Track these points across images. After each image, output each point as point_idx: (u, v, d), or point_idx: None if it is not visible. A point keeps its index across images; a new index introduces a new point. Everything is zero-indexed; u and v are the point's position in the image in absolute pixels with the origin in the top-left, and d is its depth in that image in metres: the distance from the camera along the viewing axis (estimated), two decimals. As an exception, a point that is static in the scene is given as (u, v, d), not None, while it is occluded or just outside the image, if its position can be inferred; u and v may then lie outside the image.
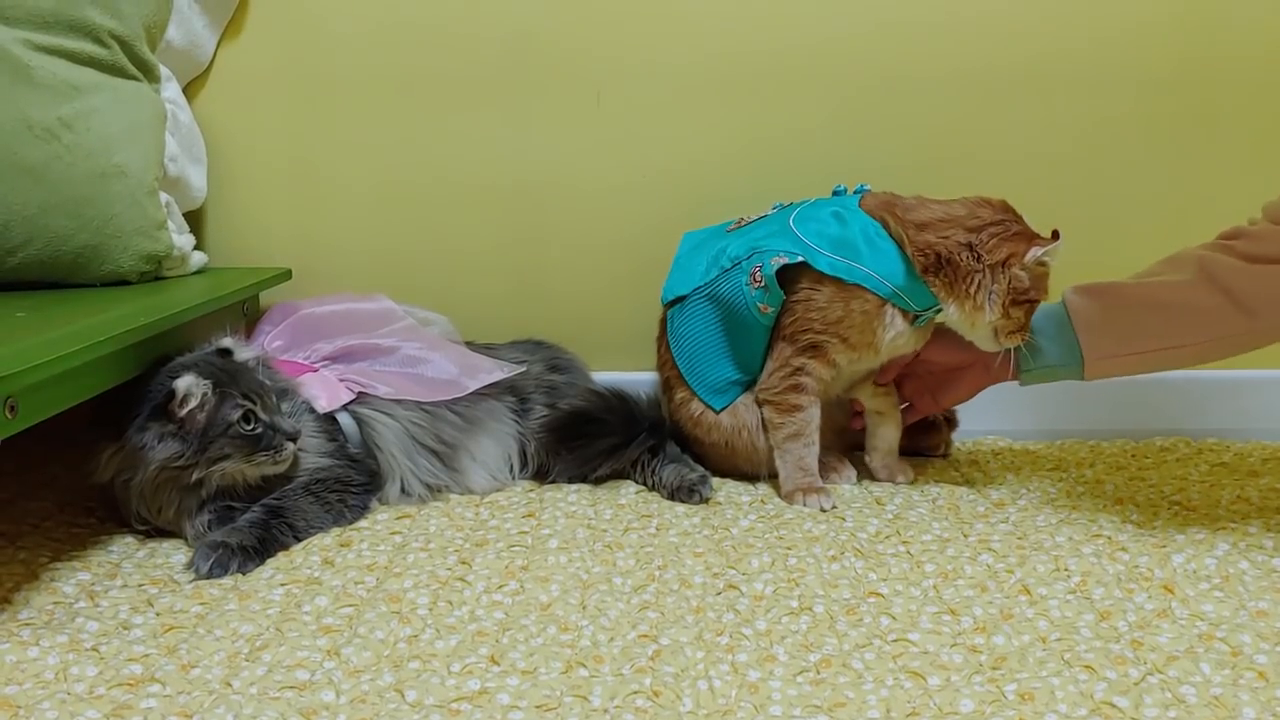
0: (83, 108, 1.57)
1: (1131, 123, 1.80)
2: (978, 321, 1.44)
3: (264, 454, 1.35)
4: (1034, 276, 1.43)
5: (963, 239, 1.43)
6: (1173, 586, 1.19)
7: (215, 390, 1.34)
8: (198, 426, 1.33)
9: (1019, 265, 1.41)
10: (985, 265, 1.42)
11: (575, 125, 1.82)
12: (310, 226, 1.85)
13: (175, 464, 1.32)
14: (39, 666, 1.05)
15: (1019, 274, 1.42)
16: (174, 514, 1.36)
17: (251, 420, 1.35)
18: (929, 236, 1.44)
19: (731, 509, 1.49)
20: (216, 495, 1.36)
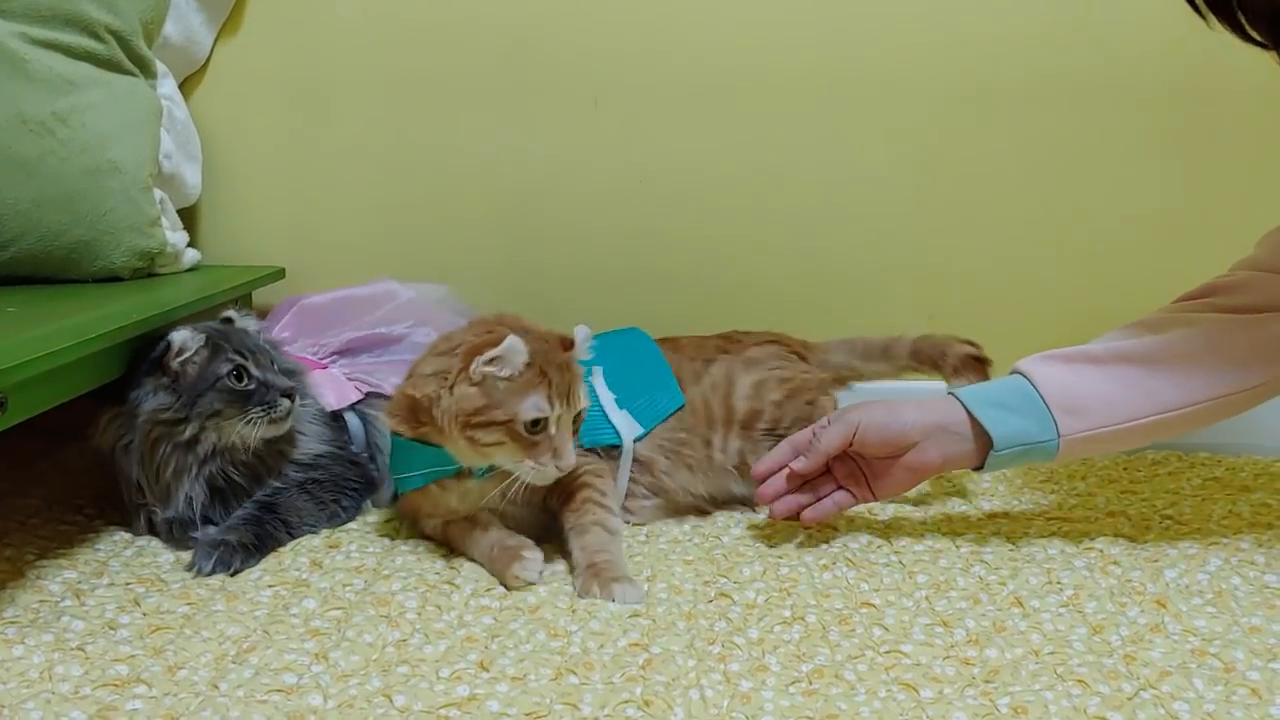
0: (78, 103, 1.56)
1: (1129, 138, 1.80)
2: (457, 449, 1.26)
3: (258, 409, 1.33)
4: (500, 392, 1.22)
5: (429, 369, 1.28)
6: (1165, 601, 1.19)
7: (208, 344, 1.34)
8: (189, 380, 1.32)
9: (466, 381, 1.23)
10: (446, 388, 1.24)
11: (572, 129, 1.81)
12: (305, 225, 1.84)
13: (165, 415, 1.31)
14: (24, 665, 1.04)
15: (466, 391, 1.23)
16: (171, 475, 1.34)
17: (244, 377, 1.34)
18: (400, 387, 1.32)
19: (722, 517, 1.48)
20: (215, 460, 1.35)
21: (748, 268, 1.84)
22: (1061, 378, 1.29)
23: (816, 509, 1.35)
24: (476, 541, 1.31)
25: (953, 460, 1.32)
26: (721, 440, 1.50)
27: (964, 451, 1.31)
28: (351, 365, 1.55)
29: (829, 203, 1.83)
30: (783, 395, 1.52)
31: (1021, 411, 1.28)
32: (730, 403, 1.51)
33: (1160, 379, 1.27)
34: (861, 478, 1.36)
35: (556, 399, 1.23)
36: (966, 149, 1.81)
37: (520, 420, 1.22)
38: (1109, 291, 1.84)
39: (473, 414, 1.22)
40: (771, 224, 1.83)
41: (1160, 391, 1.27)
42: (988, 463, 1.30)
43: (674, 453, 1.46)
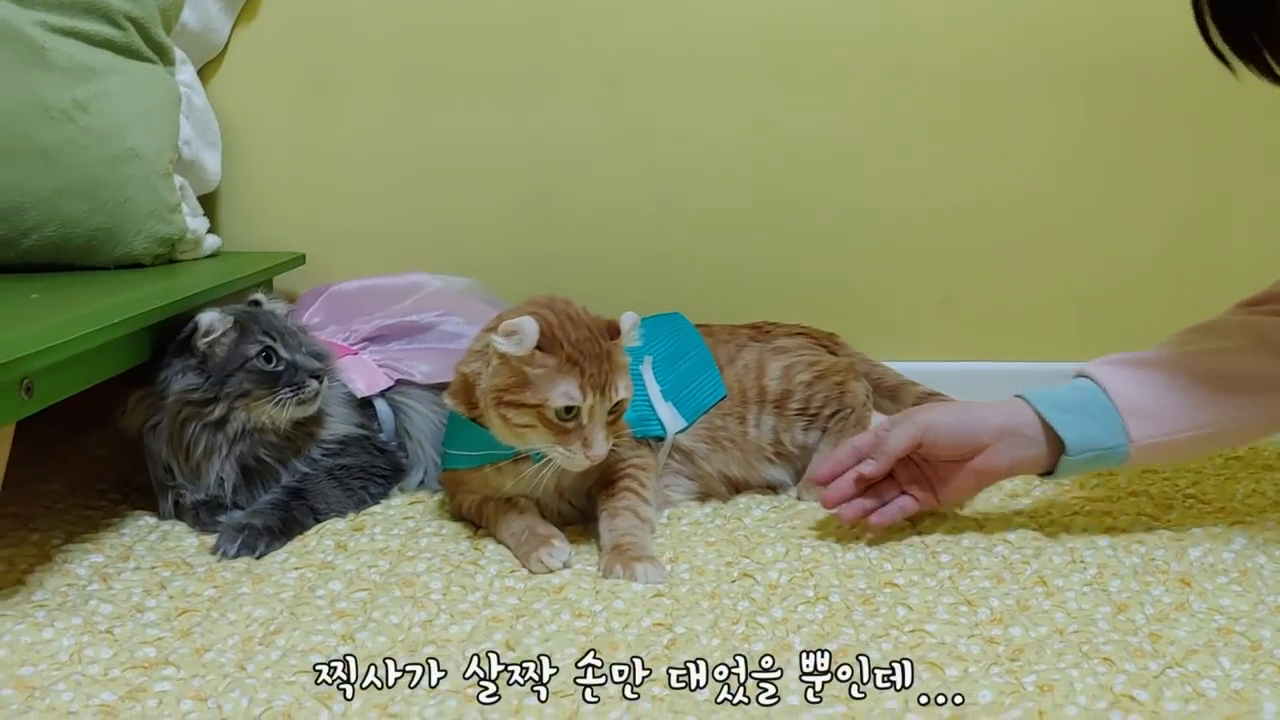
0: (98, 90, 1.57)
1: (1148, 120, 1.79)
2: (493, 424, 1.27)
3: (287, 391, 1.34)
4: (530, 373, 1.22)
5: (475, 346, 1.31)
6: (1190, 580, 1.19)
7: (235, 326, 1.35)
8: (217, 361, 1.33)
9: (495, 357, 1.24)
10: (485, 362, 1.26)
11: (589, 113, 1.81)
12: (324, 211, 1.85)
13: (194, 396, 1.32)
14: (54, 648, 1.05)
15: (498, 365, 1.23)
16: (201, 454, 1.35)
17: (272, 358, 1.35)
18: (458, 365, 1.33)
19: (743, 499, 1.48)
20: (245, 440, 1.36)
21: (767, 250, 1.84)
22: (1131, 383, 1.26)
23: (883, 514, 1.30)
24: (509, 523, 1.31)
25: (1021, 464, 1.29)
26: (755, 417, 1.51)
27: (1034, 456, 1.28)
28: (382, 352, 1.55)
29: (848, 183, 1.82)
30: (812, 376, 1.53)
31: (1093, 417, 1.26)
32: (762, 383, 1.52)
33: (1229, 388, 1.24)
34: (925, 481, 1.32)
35: (590, 389, 1.23)
36: (985, 130, 1.80)
37: (550, 407, 1.22)
38: (1127, 274, 1.84)
39: (503, 391, 1.23)
40: (790, 206, 1.83)
41: (1230, 401, 1.24)
42: (1059, 468, 1.27)
43: (711, 438, 1.47)
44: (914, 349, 1.85)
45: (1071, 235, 1.83)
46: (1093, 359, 1.33)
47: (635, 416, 1.37)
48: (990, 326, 1.86)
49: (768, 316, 1.68)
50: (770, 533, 1.35)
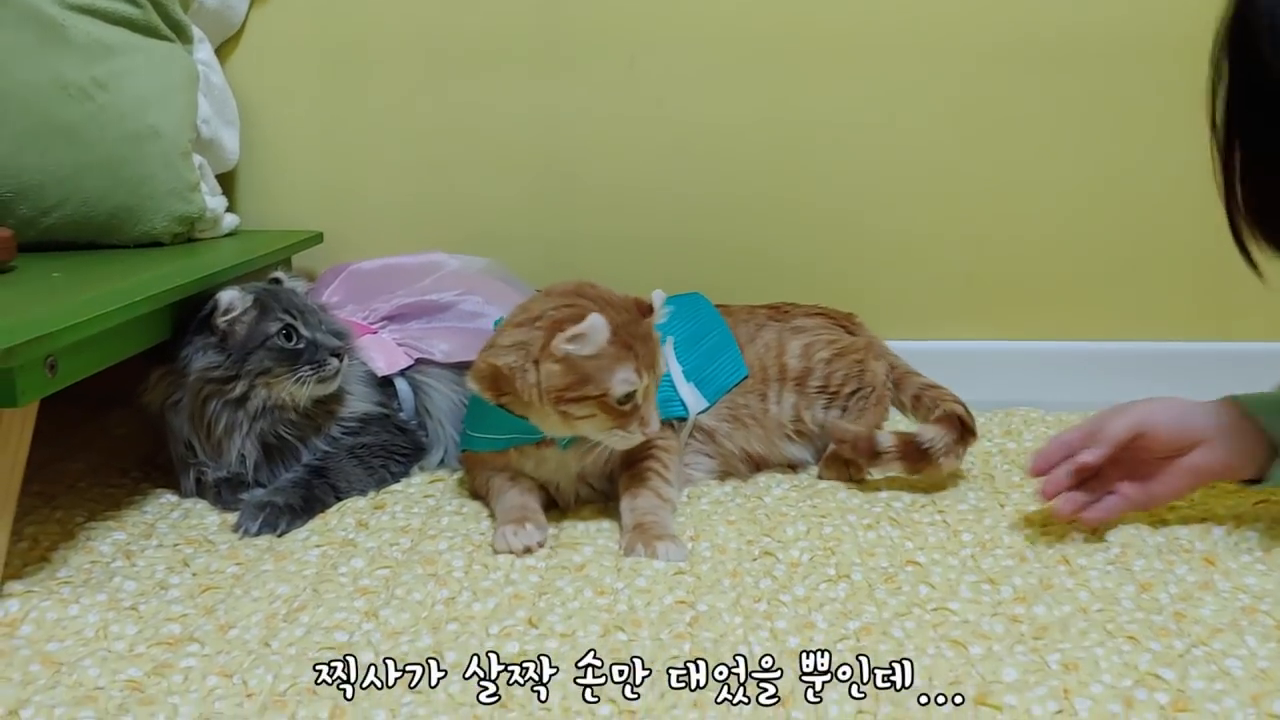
0: (116, 68, 1.57)
1: (1170, 96, 1.77)
2: (547, 422, 1.27)
3: (307, 368, 1.34)
4: (587, 368, 1.22)
5: (509, 340, 1.28)
6: (1214, 559, 1.18)
7: (256, 304, 1.35)
8: (238, 339, 1.34)
9: (549, 359, 1.23)
10: (530, 361, 1.24)
11: (608, 88, 1.80)
12: (342, 189, 1.85)
13: (214, 374, 1.33)
14: (79, 624, 1.05)
15: (552, 368, 1.23)
16: (222, 431, 1.35)
17: (293, 336, 1.35)
18: (485, 355, 1.31)
19: (763, 478, 1.48)
20: (266, 417, 1.36)
21: (786, 228, 1.83)
22: None
23: (1099, 509, 1.24)
24: (505, 497, 1.32)
25: (1235, 466, 1.23)
26: (777, 394, 1.51)
27: (1248, 458, 1.23)
28: (402, 331, 1.55)
29: (867, 163, 1.81)
30: (831, 354, 1.53)
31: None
32: (783, 361, 1.52)
33: None
34: (1136, 478, 1.26)
35: (644, 370, 1.24)
36: (1005, 108, 1.78)
37: (613, 395, 1.23)
38: (1151, 251, 1.82)
39: (563, 390, 1.23)
40: (809, 184, 1.82)
41: None
42: (1271, 473, 1.22)
43: (733, 416, 1.47)
44: (935, 328, 1.85)
45: (1094, 213, 1.82)
46: (1116, 337, 1.32)
47: (659, 397, 1.37)
48: (1012, 305, 1.85)
49: (787, 296, 1.67)
50: (791, 511, 1.35)
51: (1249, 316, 1.84)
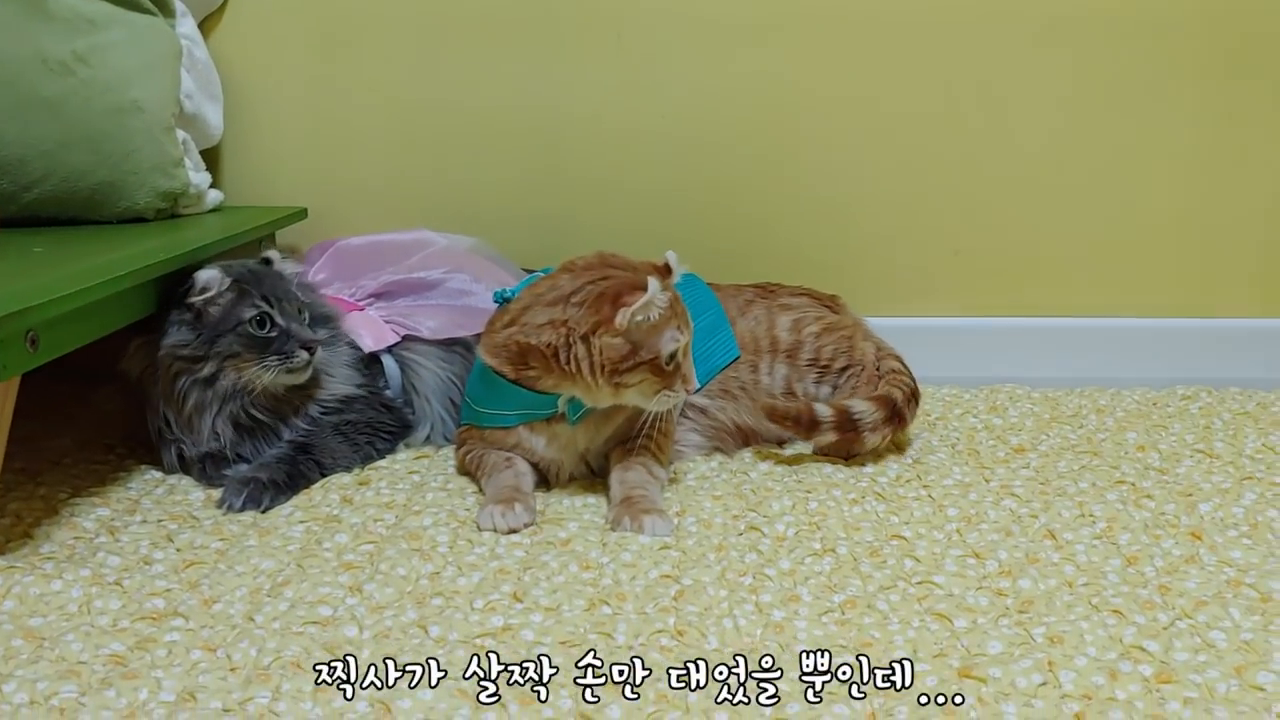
0: (98, 42, 1.55)
1: (1163, 70, 1.77)
2: (597, 394, 1.27)
3: (275, 358, 1.33)
4: (641, 334, 1.23)
5: (542, 319, 1.28)
6: (1200, 533, 1.18)
7: (234, 287, 1.34)
8: (211, 319, 1.33)
9: (609, 333, 1.23)
10: (577, 337, 1.24)
11: (595, 65, 1.79)
12: (327, 166, 1.83)
13: (184, 351, 1.32)
14: (62, 599, 1.05)
15: (611, 342, 1.23)
16: (192, 409, 1.34)
17: (266, 324, 1.34)
18: (510, 333, 1.30)
19: (749, 454, 1.48)
20: (236, 399, 1.35)
21: (774, 204, 1.83)
22: None
23: None
24: (499, 476, 1.31)
25: None
26: (769, 366, 1.52)
27: None
28: (389, 308, 1.54)
29: (854, 139, 1.80)
30: (820, 328, 1.54)
31: None
32: (774, 334, 1.53)
33: None
34: None
35: (684, 326, 1.26)
36: (992, 80, 1.78)
37: (664, 355, 1.23)
38: (1139, 225, 1.82)
39: (620, 360, 1.23)
40: (796, 160, 1.81)
41: None
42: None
43: (723, 391, 1.48)
44: (922, 304, 1.85)
45: (1082, 186, 1.81)
46: (1101, 314, 1.32)
47: None
48: (1000, 280, 1.84)
49: (775, 271, 1.67)
50: (777, 486, 1.35)
51: (1233, 294, 1.85)
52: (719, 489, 1.34)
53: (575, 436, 1.34)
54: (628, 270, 1.28)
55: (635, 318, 1.22)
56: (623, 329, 1.22)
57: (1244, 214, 1.82)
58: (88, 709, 0.88)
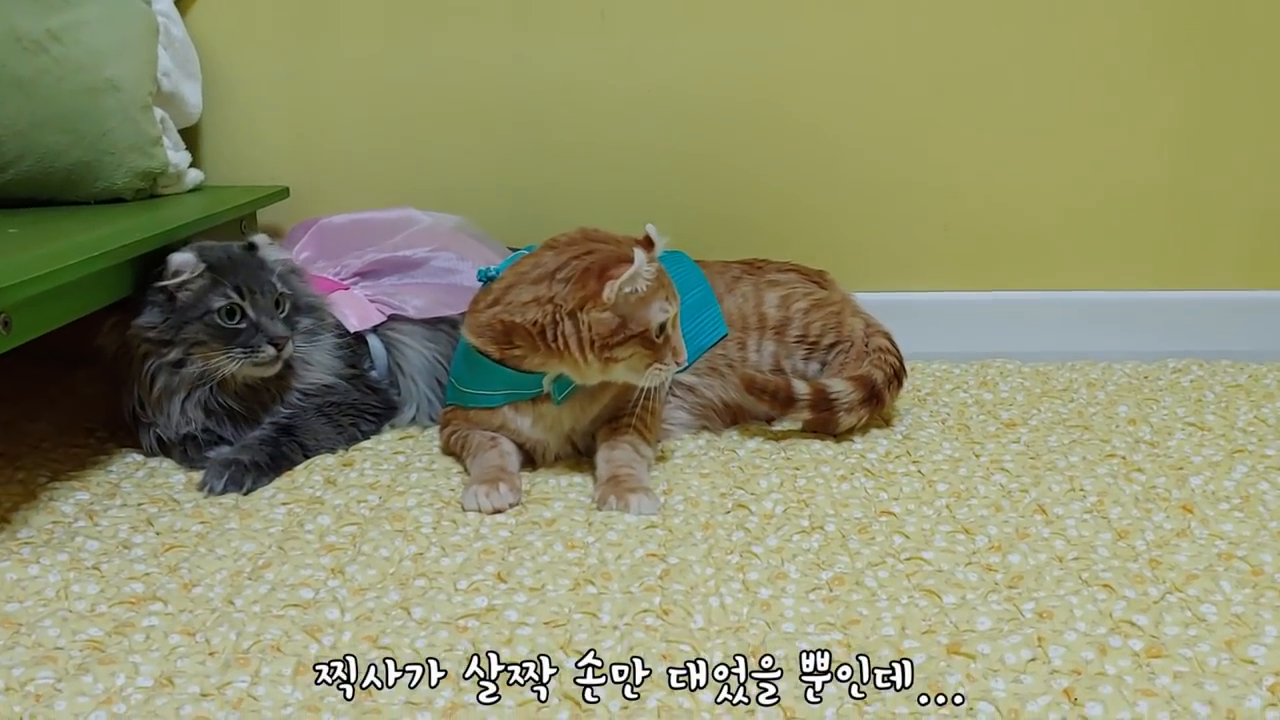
0: (72, 19, 1.53)
1: (1144, 45, 1.75)
2: (587, 371, 1.25)
3: (240, 350, 1.31)
4: (630, 307, 1.22)
5: (527, 297, 1.26)
6: (1191, 507, 1.17)
7: (207, 274, 1.31)
8: (182, 304, 1.31)
9: (598, 307, 1.22)
10: (564, 314, 1.23)
11: (578, 39, 1.77)
12: (308, 144, 1.81)
13: (151, 334, 1.30)
14: (40, 584, 1.03)
15: (600, 316, 1.22)
16: (161, 391, 1.32)
17: (236, 314, 1.32)
18: (494, 312, 1.29)
19: (736, 433, 1.46)
20: (203, 387, 1.33)
21: (760, 179, 1.81)
22: None
23: None
24: (484, 456, 1.30)
25: None
26: (756, 343, 1.50)
27: None
28: (374, 287, 1.52)
29: (842, 113, 1.78)
30: (809, 304, 1.52)
31: None
32: (761, 310, 1.52)
33: None
34: None
35: (671, 298, 1.25)
36: (982, 52, 1.76)
37: (653, 327, 1.22)
38: (1128, 199, 1.81)
39: (610, 335, 1.22)
40: (782, 134, 1.79)
41: None
42: None
43: (711, 369, 1.47)
44: (911, 279, 1.83)
45: (1072, 160, 1.80)
46: (1091, 288, 1.30)
47: None
48: (990, 255, 1.83)
49: (762, 246, 1.65)
50: (765, 464, 1.34)
51: (1224, 266, 1.83)
52: (706, 467, 1.33)
53: (561, 416, 1.32)
54: (611, 244, 1.27)
55: (623, 290, 1.20)
56: (611, 302, 1.21)
57: (1234, 186, 1.80)
58: (64, 695, 0.86)
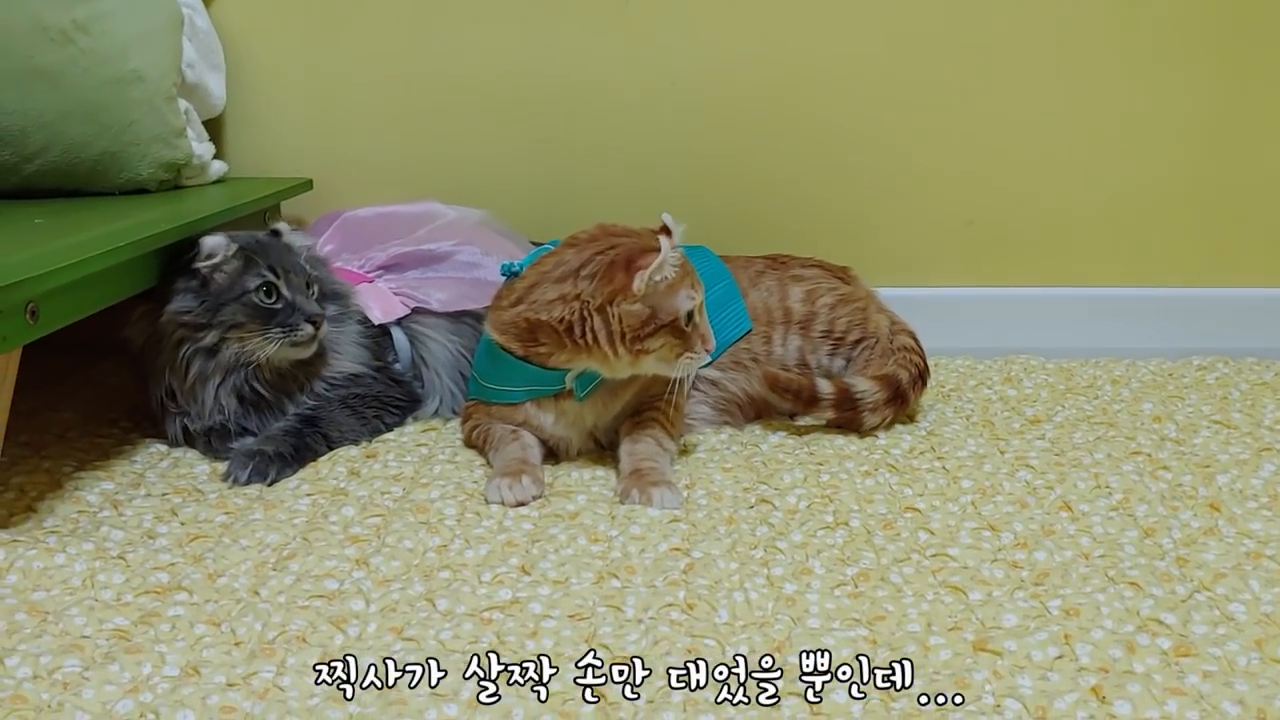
0: (97, 10, 1.53)
1: (1171, 35, 1.73)
2: (617, 365, 1.25)
3: (279, 330, 1.31)
4: (658, 296, 1.22)
5: (552, 295, 1.26)
6: (1219, 505, 1.17)
7: (240, 254, 1.32)
8: (217, 287, 1.31)
9: (628, 300, 1.22)
10: (591, 309, 1.23)
11: (601, 30, 1.76)
12: (332, 136, 1.81)
13: (187, 318, 1.31)
14: (66, 573, 1.04)
15: (630, 309, 1.22)
16: (195, 378, 1.32)
17: (272, 294, 1.32)
18: (518, 310, 1.29)
19: (759, 427, 1.46)
20: (239, 371, 1.33)
21: (783, 174, 1.80)
22: None
23: None
24: (506, 449, 1.30)
25: None
26: (781, 337, 1.50)
27: None
28: (398, 280, 1.52)
29: (866, 106, 1.77)
30: (835, 300, 1.52)
31: None
32: (787, 305, 1.51)
33: None
34: None
35: (695, 285, 1.25)
36: (1005, 46, 1.74)
37: (681, 315, 1.22)
38: (1152, 195, 1.79)
39: (641, 326, 1.22)
40: (805, 127, 1.78)
41: None
42: None
43: (735, 363, 1.46)
44: (935, 274, 1.82)
45: (1096, 154, 1.78)
46: (1117, 284, 1.29)
47: None
48: (1014, 250, 1.82)
49: (785, 242, 1.64)
50: (788, 459, 1.33)
51: (1250, 262, 1.82)
52: (729, 461, 1.33)
53: (583, 413, 1.32)
54: (631, 237, 1.27)
55: (653, 278, 1.20)
56: (641, 293, 1.21)
57: (1261, 181, 1.79)
58: (91, 683, 0.86)
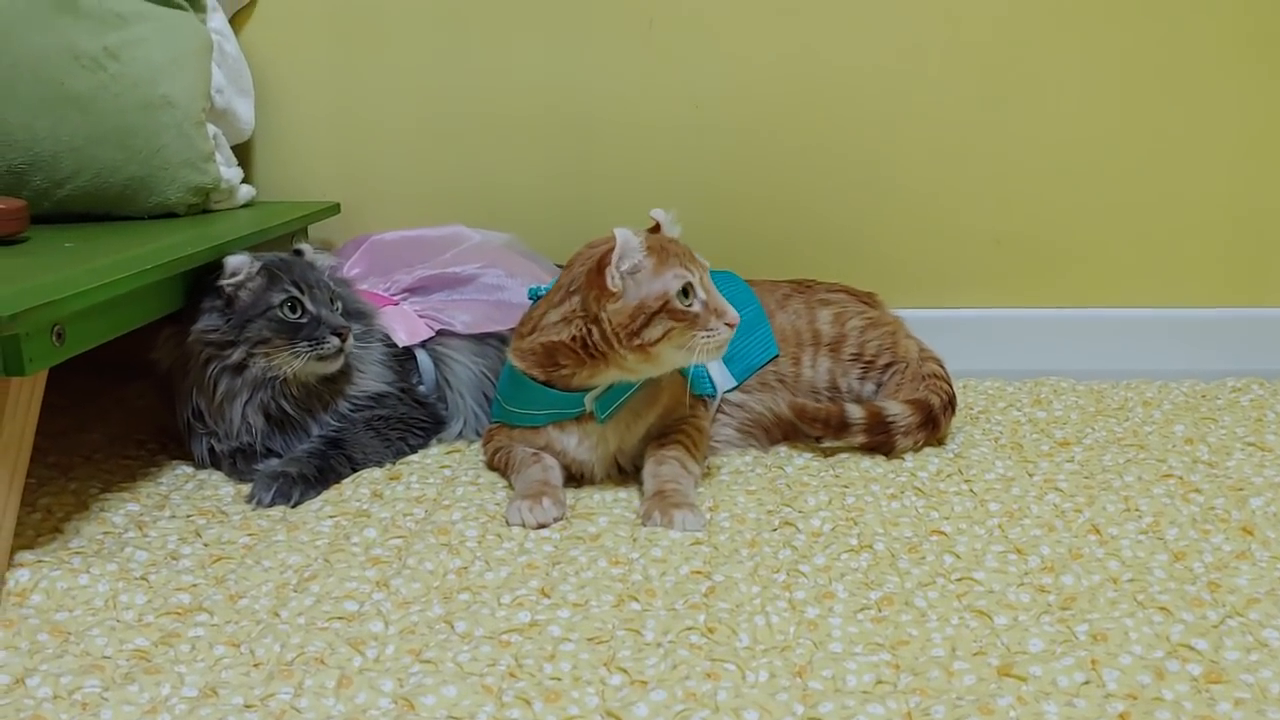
0: (128, 37, 1.55)
1: (1206, 49, 1.72)
2: (631, 366, 1.25)
3: (305, 344, 1.32)
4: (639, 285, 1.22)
5: (556, 317, 1.28)
6: (1252, 529, 1.14)
7: (264, 272, 1.34)
8: (242, 304, 1.32)
9: (609, 299, 1.23)
10: (589, 321, 1.24)
11: (626, 54, 1.77)
12: (359, 160, 1.82)
13: (213, 336, 1.32)
14: (89, 594, 1.04)
15: (614, 307, 1.22)
16: (223, 397, 1.33)
17: (297, 309, 1.33)
18: (534, 338, 1.30)
19: (784, 450, 1.45)
20: (266, 388, 1.34)
21: (809, 194, 1.79)
22: None
23: None
24: (528, 471, 1.29)
25: None
26: (811, 359, 1.49)
27: None
28: (423, 303, 1.53)
29: (893, 125, 1.77)
30: (864, 323, 1.51)
31: None
32: (815, 327, 1.51)
33: None
34: None
35: (688, 264, 1.24)
36: (1035, 63, 1.73)
37: (672, 294, 1.21)
38: (1183, 214, 1.77)
39: (631, 320, 1.21)
40: (832, 147, 1.78)
41: None
42: None
43: (761, 384, 1.46)
44: (962, 295, 1.80)
45: (1128, 173, 1.76)
46: (1147, 304, 1.27)
47: (691, 375, 1.35)
48: (1043, 270, 1.80)
49: (812, 262, 1.65)
50: (812, 481, 1.32)
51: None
52: (753, 483, 1.32)
53: (606, 435, 1.31)
54: (606, 243, 1.26)
55: (620, 268, 1.21)
56: (618, 288, 1.22)
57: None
58: (110, 704, 0.87)
